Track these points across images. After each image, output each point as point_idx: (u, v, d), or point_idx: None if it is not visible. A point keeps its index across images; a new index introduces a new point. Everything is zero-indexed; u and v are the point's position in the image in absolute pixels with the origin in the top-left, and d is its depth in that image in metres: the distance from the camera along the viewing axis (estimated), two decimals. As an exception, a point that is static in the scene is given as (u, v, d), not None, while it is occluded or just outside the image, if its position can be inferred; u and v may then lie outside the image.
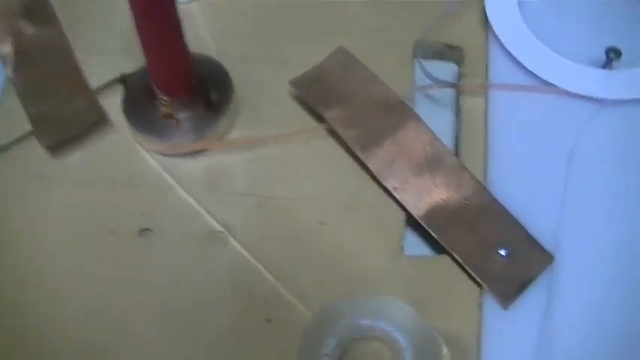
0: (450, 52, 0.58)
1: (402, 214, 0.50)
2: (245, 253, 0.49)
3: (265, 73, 0.56)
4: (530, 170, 0.51)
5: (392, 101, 0.53)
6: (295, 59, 0.56)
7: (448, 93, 0.56)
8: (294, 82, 0.54)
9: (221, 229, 0.49)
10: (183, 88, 0.51)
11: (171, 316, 0.47)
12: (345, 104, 0.52)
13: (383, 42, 0.57)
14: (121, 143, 0.53)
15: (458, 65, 0.57)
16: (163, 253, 0.49)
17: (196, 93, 0.52)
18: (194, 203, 0.51)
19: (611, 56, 0.53)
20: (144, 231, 0.50)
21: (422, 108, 0.55)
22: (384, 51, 0.57)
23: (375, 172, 0.50)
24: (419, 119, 0.52)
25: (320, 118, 0.53)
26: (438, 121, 0.54)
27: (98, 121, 0.53)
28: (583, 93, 0.53)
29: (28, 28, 0.57)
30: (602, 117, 0.52)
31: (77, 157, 0.53)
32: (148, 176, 0.52)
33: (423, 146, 0.51)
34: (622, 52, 0.53)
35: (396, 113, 0.52)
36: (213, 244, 0.49)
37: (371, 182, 0.51)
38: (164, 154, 0.53)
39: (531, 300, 0.46)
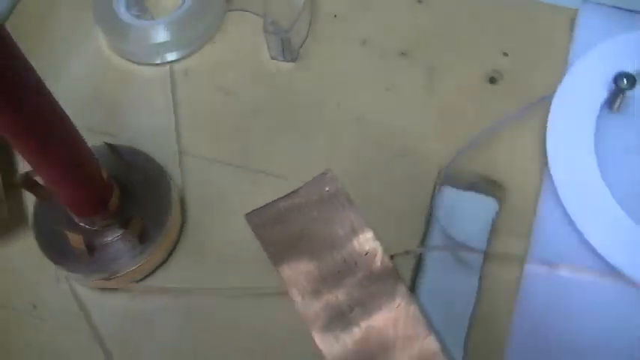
0: (487, 188, 0.41)
1: None
2: None
3: (229, 186, 0.42)
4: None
5: (379, 264, 0.38)
6: (276, 170, 0.42)
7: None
8: (251, 217, 0.40)
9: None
10: (95, 210, 0.38)
11: None
12: (311, 259, 0.38)
13: (400, 161, 0.42)
14: (30, 256, 0.41)
15: (498, 203, 0.41)
16: None
17: (119, 213, 0.38)
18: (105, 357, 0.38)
19: None
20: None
21: (434, 262, 0.39)
22: (399, 175, 0.42)
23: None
24: (410, 300, 0.37)
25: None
26: (451, 281, 0.39)
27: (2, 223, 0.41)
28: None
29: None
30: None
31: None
32: (55, 308, 0.40)
33: (409, 342, 0.36)
34: None
35: (381, 285, 0.37)
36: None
37: (328, 377, 0.36)
38: (78, 282, 0.40)
39: None
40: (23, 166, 0.40)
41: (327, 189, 0.40)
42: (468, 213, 0.41)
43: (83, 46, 0.48)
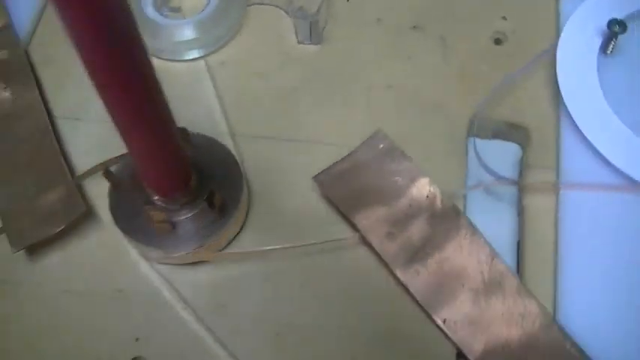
0: (511, 132, 0.47)
1: (452, 352, 0.40)
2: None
3: (285, 158, 0.46)
4: (614, 296, 0.41)
5: (440, 205, 0.42)
6: (323, 139, 0.46)
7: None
8: (319, 179, 0.44)
9: (230, 362, 0.40)
10: (178, 187, 0.41)
11: None
12: (381, 207, 0.42)
13: (432, 119, 0.47)
14: (108, 244, 0.44)
15: (522, 148, 0.46)
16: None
17: (196, 191, 0.41)
18: (197, 327, 0.41)
19: None
20: (137, 360, 0.40)
21: (475, 203, 0.45)
22: (434, 131, 0.47)
23: (419, 300, 0.40)
24: (474, 230, 0.42)
25: (350, 222, 0.43)
26: (495, 221, 0.44)
27: (79, 218, 0.43)
28: (679, 195, 0.42)
29: (0, 91, 0.47)
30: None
31: (55, 260, 0.44)
32: (141, 290, 0.43)
33: (479, 265, 0.41)
34: None
35: (445, 221, 0.42)
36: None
37: (414, 308, 0.41)
38: (159, 262, 0.43)
39: None
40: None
41: (380, 146, 0.44)
42: (497, 159, 0.46)
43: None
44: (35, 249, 0.44)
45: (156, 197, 0.41)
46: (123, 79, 0.31)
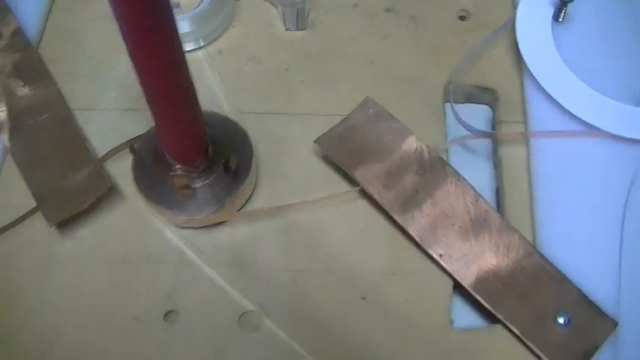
0: (482, 95, 0.53)
1: (449, 283, 0.46)
2: (281, 333, 0.44)
3: (286, 130, 0.52)
4: (583, 224, 0.47)
5: (427, 157, 0.48)
6: (317, 110, 0.52)
7: (485, 141, 0.52)
8: (320, 141, 0.49)
9: (253, 308, 0.45)
10: (198, 156, 0.46)
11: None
12: (376, 162, 0.48)
13: (411, 89, 0.53)
14: (133, 215, 0.49)
15: (492, 109, 0.53)
16: (192, 337, 0.44)
17: (213, 159, 0.47)
18: (221, 281, 0.46)
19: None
20: (169, 314, 0.45)
21: (457, 159, 0.51)
22: (414, 98, 0.53)
23: (417, 239, 0.46)
24: (459, 176, 0.48)
25: (350, 178, 0.48)
26: (475, 172, 0.50)
27: (105, 194, 0.48)
28: (630, 135, 0.49)
29: (20, 89, 0.52)
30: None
31: (87, 234, 0.48)
32: (168, 253, 0.47)
33: (466, 206, 0.47)
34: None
35: (433, 170, 0.48)
36: (246, 325, 0.45)
37: (412, 248, 0.47)
38: (181, 227, 0.48)
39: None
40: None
41: (371, 111, 0.50)
42: (471, 119, 0.52)
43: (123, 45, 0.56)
44: (68, 224, 0.48)
45: (178, 166, 0.46)
46: (163, 62, 0.37)
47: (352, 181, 0.49)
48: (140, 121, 0.50)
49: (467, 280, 0.45)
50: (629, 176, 0.48)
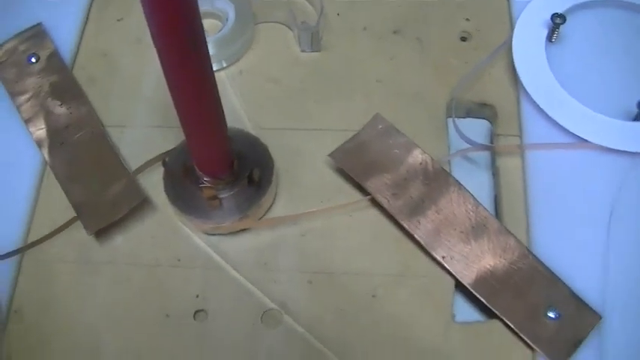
0: (481, 110, 0.58)
1: (451, 282, 0.50)
2: (299, 328, 0.49)
3: (302, 144, 0.56)
4: (573, 228, 0.52)
5: (431, 168, 0.53)
6: (330, 126, 0.57)
7: (484, 153, 0.56)
8: (334, 155, 0.54)
9: (275, 306, 0.50)
10: (225, 169, 0.51)
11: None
12: (385, 174, 0.53)
13: (416, 105, 0.58)
14: (164, 223, 0.54)
15: (491, 123, 0.58)
16: (219, 333, 0.49)
17: (238, 171, 0.51)
18: (245, 282, 0.51)
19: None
20: (199, 313, 0.50)
21: (458, 169, 0.55)
22: (419, 114, 0.57)
23: (423, 243, 0.51)
24: (460, 185, 0.52)
25: (361, 188, 0.53)
26: (476, 182, 0.55)
27: (139, 204, 0.53)
28: (617, 147, 0.54)
29: (57, 108, 0.57)
30: (638, 170, 0.53)
31: (122, 241, 0.53)
32: (197, 257, 0.52)
33: (467, 213, 0.52)
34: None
35: (437, 181, 0.53)
36: (268, 322, 0.50)
37: (418, 251, 0.52)
38: (208, 234, 0.53)
39: (582, 360, 0.47)
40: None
41: (380, 126, 0.55)
42: (472, 133, 0.57)
43: (152, 66, 0.61)
44: (105, 232, 0.53)
45: (205, 179, 0.51)
46: (196, 81, 0.41)
47: (363, 191, 0.53)
48: (168, 137, 0.55)
49: (467, 279, 0.50)
50: (616, 185, 0.53)
